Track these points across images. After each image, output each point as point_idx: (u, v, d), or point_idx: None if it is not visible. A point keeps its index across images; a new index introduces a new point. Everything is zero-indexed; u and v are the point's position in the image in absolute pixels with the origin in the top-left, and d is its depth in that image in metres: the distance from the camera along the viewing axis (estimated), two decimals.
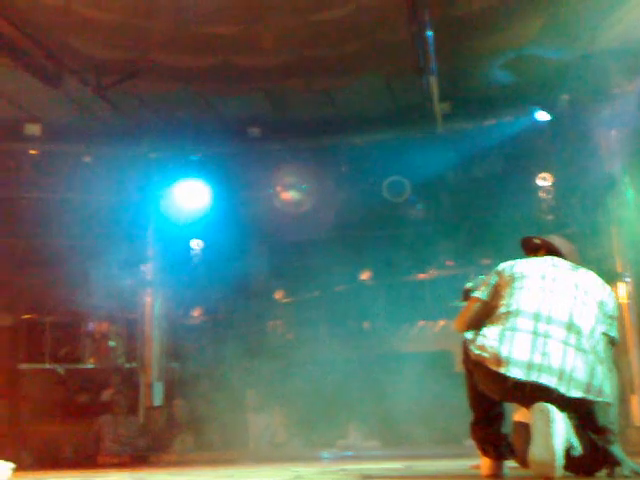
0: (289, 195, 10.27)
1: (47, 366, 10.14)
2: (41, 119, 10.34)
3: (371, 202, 10.12)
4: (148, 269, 10.33)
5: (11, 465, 5.63)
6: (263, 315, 10.56)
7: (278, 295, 10.72)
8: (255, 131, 10.13)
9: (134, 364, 10.28)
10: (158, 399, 10.00)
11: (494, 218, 9.32)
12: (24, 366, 10.10)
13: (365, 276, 10.42)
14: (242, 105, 9.80)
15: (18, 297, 10.52)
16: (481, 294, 4.34)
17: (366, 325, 10.31)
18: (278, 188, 10.27)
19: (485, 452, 4.30)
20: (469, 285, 4.58)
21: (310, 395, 9.08)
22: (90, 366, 10.36)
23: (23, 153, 10.95)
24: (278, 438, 9.15)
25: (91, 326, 10.47)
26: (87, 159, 10.68)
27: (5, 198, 10.78)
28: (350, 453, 8.60)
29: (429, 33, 7.42)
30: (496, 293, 4.27)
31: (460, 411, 4.76)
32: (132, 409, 9.81)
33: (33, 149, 10.90)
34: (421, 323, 10.21)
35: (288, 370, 9.30)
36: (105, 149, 10.64)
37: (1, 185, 10.75)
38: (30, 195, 10.83)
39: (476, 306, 4.35)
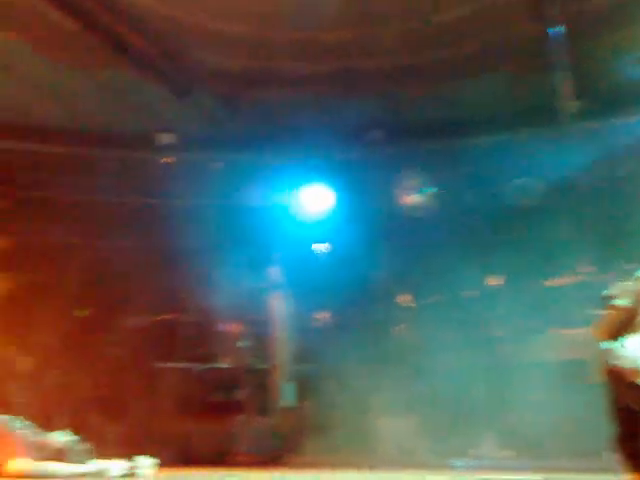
0: (412, 198, 10.21)
1: (183, 365, 10.57)
2: (173, 129, 10.82)
3: (498, 204, 9.89)
4: (276, 272, 10.57)
5: (155, 461, 5.90)
6: (388, 319, 10.55)
7: (403, 299, 10.68)
8: (376, 134, 10.14)
9: (265, 365, 10.53)
10: (289, 400, 10.20)
11: (634, 221, 8.88)
12: (161, 364, 10.56)
13: (494, 281, 10.19)
14: (363, 109, 9.85)
15: (155, 298, 11.04)
16: (623, 302, 4.20)
17: (495, 331, 10.04)
18: (401, 191, 10.22)
19: (636, 468, 4.13)
20: (609, 292, 4.43)
21: (439, 402, 9.00)
22: (223, 366, 10.72)
23: (156, 162, 11.51)
24: (407, 444, 9.12)
25: (224, 327, 10.84)
26: (216, 166, 11.08)
27: (139, 205, 11.36)
28: (483, 462, 8.42)
29: (559, 29, 7.19)
30: (638, 301, 4.12)
31: (597, 423, 4.60)
32: (264, 409, 10.05)
33: (165, 158, 11.43)
34: (554, 330, 9.83)
35: (416, 376, 9.25)
36: (232, 156, 10.97)
37: (135, 193, 11.34)
38: (163, 202, 11.37)
39: (617, 314, 4.21)
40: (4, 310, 10.02)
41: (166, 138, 10.82)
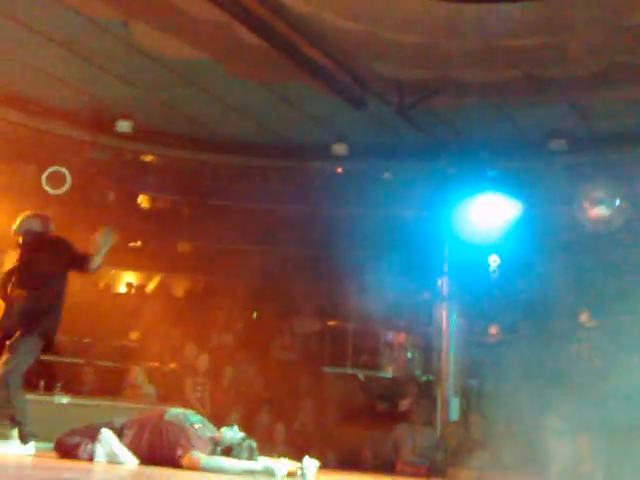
0: (596, 211, 9.65)
1: (349, 371, 10.70)
2: (347, 139, 11.01)
3: None
4: (444, 283, 10.43)
5: (316, 463, 5.98)
6: (566, 337, 10.03)
7: (584, 317, 10.11)
8: (559, 143, 9.72)
9: (430, 377, 10.43)
10: (455, 414, 10.04)
11: None
12: (328, 369, 10.75)
13: None
14: (544, 117, 9.50)
15: (322, 305, 11.28)
16: None
17: None
18: (585, 203, 9.67)
19: None
20: None
21: (613, 426, 8.44)
22: (388, 375, 10.74)
23: (330, 172, 11.78)
24: (583, 468, 8.64)
25: (390, 336, 10.86)
26: (387, 176, 11.14)
27: (311, 213, 11.67)
28: None
29: None
30: None
31: None
32: (429, 421, 9.95)
33: (339, 167, 11.67)
34: None
35: (590, 397, 8.73)
36: (404, 166, 10.99)
37: (308, 202, 11.66)
38: (333, 210, 11.60)
39: None
40: (183, 310, 10.65)
41: (340, 148, 11.04)
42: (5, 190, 9.85)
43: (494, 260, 10.49)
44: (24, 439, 5.81)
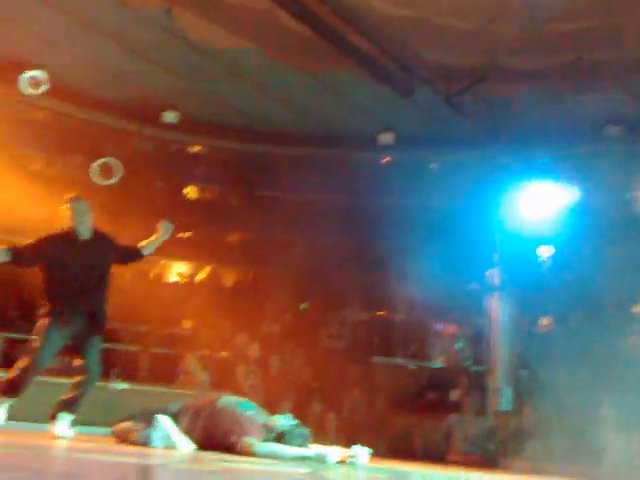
0: None
1: (398, 361, 10.65)
2: (393, 128, 10.93)
3: None
4: (495, 273, 10.28)
5: (367, 451, 5.98)
6: (619, 328, 9.81)
7: (638, 308, 9.87)
8: (615, 130, 9.49)
9: (481, 367, 10.31)
10: (506, 404, 9.91)
11: None
12: (377, 359, 10.71)
13: None
14: (598, 103, 9.26)
15: (372, 295, 11.23)
16: None
17: None
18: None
19: None
20: None
21: None
22: (438, 365, 10.65)
23: (376, 161, 11.71)
24: (637, 461, 8.47)
25: (440, 326, 10.76)
26: (433, 165, 11.03)
27: (358, 203, 11.61)
28: None
29: None
30: None
31: None
32: (480, 411, 9.85)
33: (385, 157, 11.59)
34: None
35: None
36: (452, 155, 10.87)
37: (355, 192, 11.61)
38: (380, 200, 11.53)
39: None
40: (234, 299, 10.71)
41: (386, 138, 10.96)
42: (55, 181, 10.01)
43: (545, 250, 10.31)
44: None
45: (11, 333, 8.84)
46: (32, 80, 9.38)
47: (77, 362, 5.86)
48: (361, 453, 5.90)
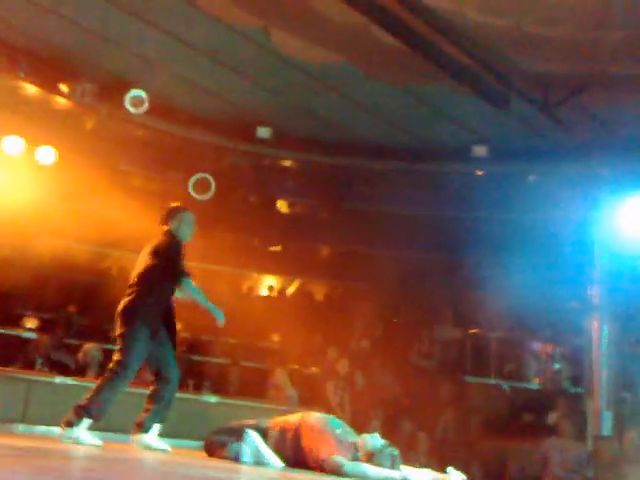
0: None
1: (492, 381, 10.30)
2: (487, 140, 10.67)
3: None
4: (595, 292, 9.83)
5: (462, 476, 5.74)
6: None
7: None
8: None
9: (580, 389, 9.88)
10: (607, 429, 9.44)
11: None
12: (470, 379, 10.40)
13: None
14: None
15: (464, 311, 10.96)
16: None
17: None
18: None
19: None
20: None
21: None
22: (534, 386, 10.25)
23: (469, 174, 11.45)
24: None
25: (536, 345, 10.36)
26: (532, 178, 10.68)
27: (449, 217, 11.38)
28: None
29: None
30: None
31: None
32: (579, 436, 9.42)
33: (478, 170, 11.32)
34: None
35: None
36: (550, 167, 10.49)
37: (446, 205, 11.39)
38: (474, 214, 11.26)
39: None
40: (324, 314, 10.67)
41: (480, 150, 10.71)
42: (155, 196, 10.28)
43: None
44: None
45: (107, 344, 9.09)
46: (134, 99, 9.70)
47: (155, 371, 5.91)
48: (455, 478, 5.67)
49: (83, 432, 5.55)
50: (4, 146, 9.93)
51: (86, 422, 5.56)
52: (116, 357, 5.73)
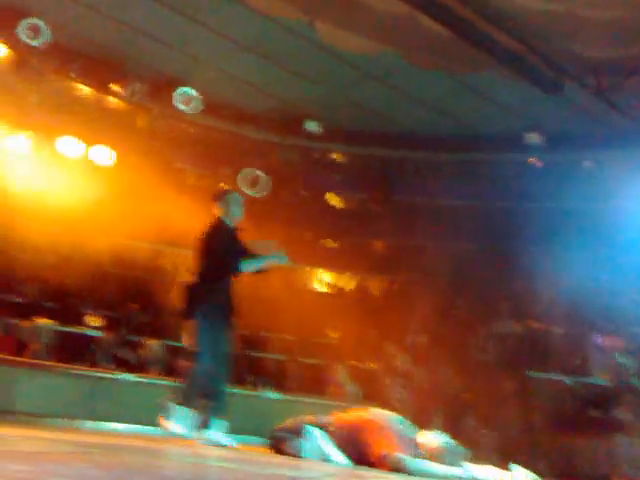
0: None
1: (554, 376, 9.99)
2: (540, 128, 10.45)
3: None
4: None
5: (528, 474, 5.60)
6: None
7: None
8: None
9: None
10: None
11: None
12: (533, 374, 10.10)
13: None
14: None
15: (523, 305, 10.70)
16: None
17: None
18: None
19: None
20: None
21: None
22: (600, 381, 9.89)
23: (522, 162, 11.20)
24: None
25: (600, 340, 10.01)
26: (588, 165, 10.41)
27: (503, 208, 11.14)
28: None
29: None
30: None
31: None
32: None
33: (532, 158, 11.07)
34: None
35: None
36: (607, 153, 10.22)
37: (500, 195, 11.15)
38: (530, 205, 10.99)
39: None
40: (381, 309, 10.57)
41: (533, 137, 10.51)
42: (206, 192, 10.34)
43: None
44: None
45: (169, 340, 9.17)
46: (184, 97, 9.78)
47: None
48: (520, 476, 5.54)
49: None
50: (60, 147, 10.10)
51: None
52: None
